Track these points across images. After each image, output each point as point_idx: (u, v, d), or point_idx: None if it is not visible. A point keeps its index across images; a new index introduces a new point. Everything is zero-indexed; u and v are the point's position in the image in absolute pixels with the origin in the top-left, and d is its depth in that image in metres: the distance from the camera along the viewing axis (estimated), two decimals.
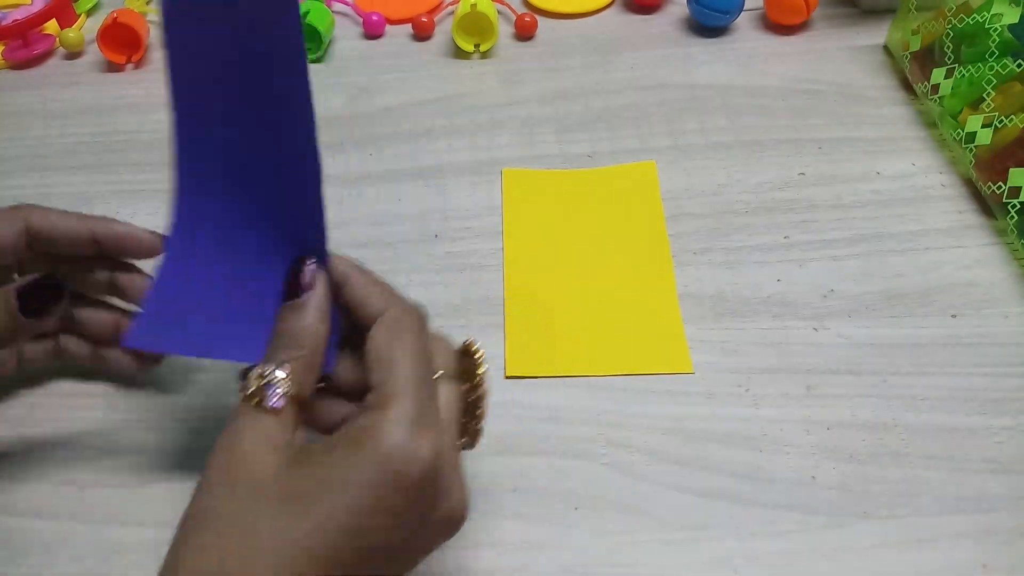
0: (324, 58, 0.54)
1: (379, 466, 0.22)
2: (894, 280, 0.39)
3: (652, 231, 0.41)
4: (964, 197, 0.43)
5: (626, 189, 0.43)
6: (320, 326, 0.26)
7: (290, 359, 0.25)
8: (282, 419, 0.24)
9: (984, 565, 0.30)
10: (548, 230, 0.42)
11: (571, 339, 0.37)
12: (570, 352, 0.37)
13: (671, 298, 0.38)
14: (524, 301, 0.39)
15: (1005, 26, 0.42)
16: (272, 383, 0.24)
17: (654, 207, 0.42)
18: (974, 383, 0.35)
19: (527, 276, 0.40)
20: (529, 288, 0.39)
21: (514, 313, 0.38)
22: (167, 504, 0.33)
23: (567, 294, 0.39)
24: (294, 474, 0.23)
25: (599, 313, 0.38)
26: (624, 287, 0.39)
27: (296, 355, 0.25)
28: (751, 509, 0.32)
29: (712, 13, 0.52)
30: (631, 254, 0.40)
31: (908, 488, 0.32)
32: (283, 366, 0.24)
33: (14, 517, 0.33)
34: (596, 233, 0.41)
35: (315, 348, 0.25)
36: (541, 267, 0.40)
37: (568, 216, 0.42)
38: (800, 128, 0.47)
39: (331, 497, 0.22)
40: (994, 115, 0.41)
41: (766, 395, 0.35)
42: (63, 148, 0.49)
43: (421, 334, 0.26)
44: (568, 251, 0.41)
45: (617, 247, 0.41)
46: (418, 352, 0.25)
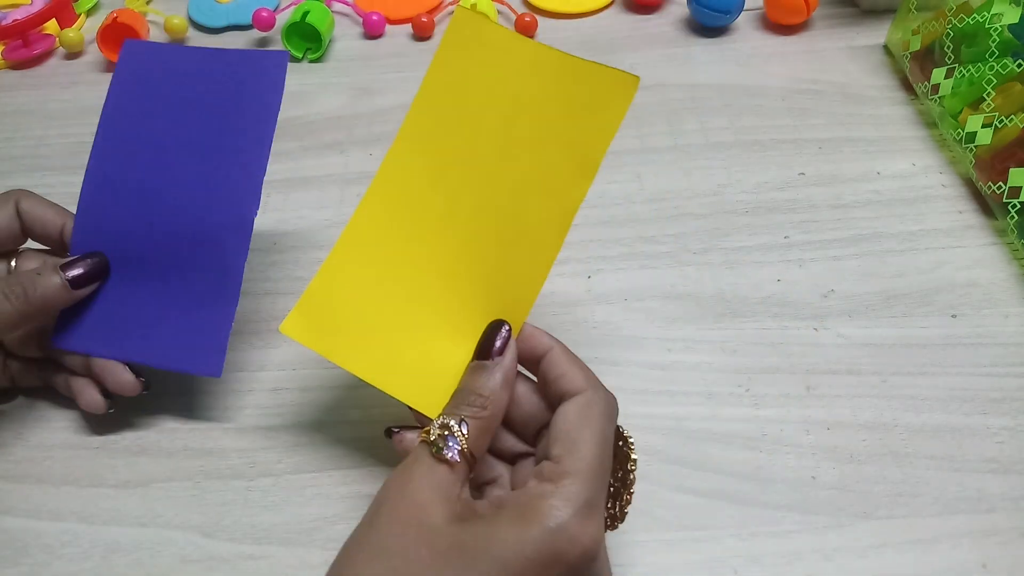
0: (324, 58, 0.54)
1: (543, 541, 0.23)
2: (894, 280, 0.39)
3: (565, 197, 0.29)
4: (964, 197, 0.43)
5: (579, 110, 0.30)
6: (503, 392, 0.27)
7: (471, 416, 0.26)
8: (456, 473, 0.25)
9: (984, 565, 0.30)
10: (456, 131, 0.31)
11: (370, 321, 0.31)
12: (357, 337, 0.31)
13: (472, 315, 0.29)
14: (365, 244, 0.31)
15: (1005, 26, 0.42)
16: (453, 435, 0.25)
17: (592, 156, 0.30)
18: (974, 383, 0.35)
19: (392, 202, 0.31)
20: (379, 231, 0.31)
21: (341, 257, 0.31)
22: (167, 504, 0.33)
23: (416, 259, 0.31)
24: (464, 528, 0.24)
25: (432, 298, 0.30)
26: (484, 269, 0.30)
27: (477, 413, 0.26)
28: (751, 509, 0.32)
29: (712, 13, 0.52)
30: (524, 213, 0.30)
31: (908, 488, 0.32)
32: (464, 422, 0.26)
33: (14, 518, 0.33)
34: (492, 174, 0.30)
35: (495, 412, 0.27)
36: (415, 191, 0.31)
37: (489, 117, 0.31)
38: (800, 128, 0.47)
39: (493, 559, 0.23)
40: (994, 115, 0.41)
41: (766, 395, 0.35)
42: (63, 148, 0.49)
43: (610, 424, 0.26)
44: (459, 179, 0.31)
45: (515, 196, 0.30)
46: (603, 440, 0.26)
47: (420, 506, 0.24)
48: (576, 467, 0.24)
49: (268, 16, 0.55)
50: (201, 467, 0.34)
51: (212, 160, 0.34)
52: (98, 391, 0.33)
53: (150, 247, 0.34)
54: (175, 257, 0.34)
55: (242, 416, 0.36)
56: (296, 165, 0.47)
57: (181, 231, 0.34)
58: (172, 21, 0.55)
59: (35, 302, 0.31)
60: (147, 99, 0.35)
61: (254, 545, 0.32)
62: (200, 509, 0.33)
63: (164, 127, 0.35)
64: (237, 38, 0.56)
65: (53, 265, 0.33)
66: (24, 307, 0.31)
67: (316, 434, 0.35)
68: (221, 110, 0.34)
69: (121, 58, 0.36)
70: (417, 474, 0.25)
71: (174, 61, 0.36)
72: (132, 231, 0.34)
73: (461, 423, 0.26)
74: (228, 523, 0.32)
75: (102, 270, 0.34)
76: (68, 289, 0.32)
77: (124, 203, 0.35)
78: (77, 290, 0.33)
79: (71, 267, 0.33)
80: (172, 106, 0.35)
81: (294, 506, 0.33)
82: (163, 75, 0.35)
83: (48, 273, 0.32)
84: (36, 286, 0.31)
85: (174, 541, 0.32)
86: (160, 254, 0.34)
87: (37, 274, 0.32)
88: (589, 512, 0.24)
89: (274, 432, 0.35)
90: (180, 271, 0.34)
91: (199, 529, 0.32)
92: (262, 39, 0.56)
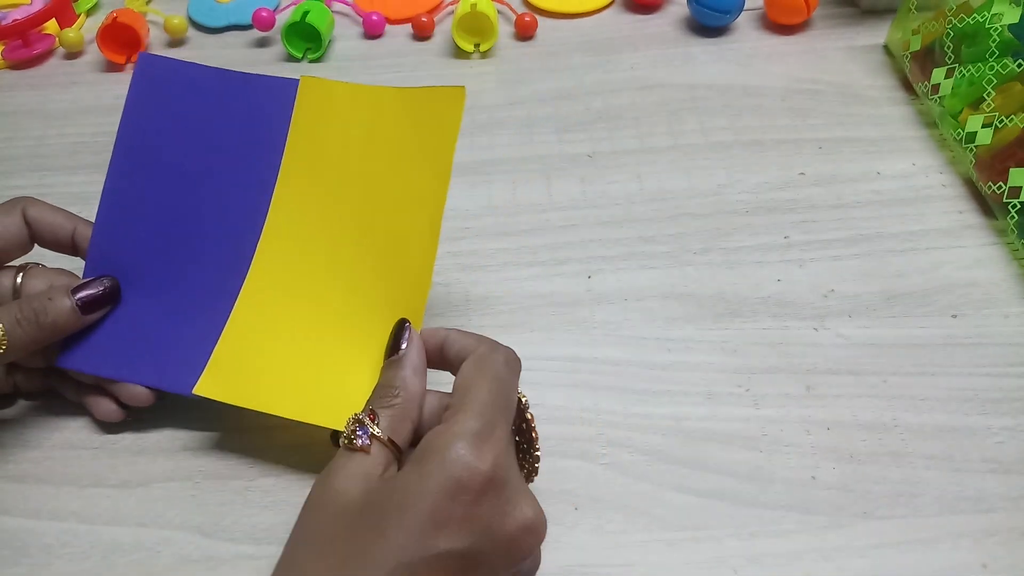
0: (324, 58, 0.54)
1: (441, 473, 0.24)
2: (894, 280, 0.39)
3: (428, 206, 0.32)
4: (964, 197, 0.43)
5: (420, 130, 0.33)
6: (413, 378, 0.29)
7: (383, 406, 0.28)
8: (373, 458, 0.26)
9: (984, 565, 0.30)
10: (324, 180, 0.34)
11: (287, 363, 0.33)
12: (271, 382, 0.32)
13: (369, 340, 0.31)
14: (262, 297, 0.33)
15: (1005, 26, 0.42)
16: (363, 426, 0.27)
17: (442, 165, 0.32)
18: (974, 383, 0.35)
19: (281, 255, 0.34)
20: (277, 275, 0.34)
21: (244, 313, 0.33)
22: (167, 504, 0.33)
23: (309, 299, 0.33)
24: (373, 494, 0.25)
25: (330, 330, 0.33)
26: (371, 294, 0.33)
27: (389, 403, 0.28)
28: (751, 509, 0.32)
29: (712, 13, 0.52)
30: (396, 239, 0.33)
31: (908, 488, 0.32)
32: (373, 412, 0.27)
33: (14, 518, 0.33)
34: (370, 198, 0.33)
35: (408, 398, 0.28)
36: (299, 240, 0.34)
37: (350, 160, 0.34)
38: (800, 128, 0.47)
39: (400, 505, 0.24)
40: (994, 115, 0.41)
41: (766, 395, 0.35)
42: (63, 148, 0.49)
43: (507, 371, 0.28)
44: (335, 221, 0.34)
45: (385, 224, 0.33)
46: (497, 381, 0.27)
47: (337, 491, 0.25)
48: (466, 405, 0.26)
49: (268, 16, 0.55)
50: (201, 467, 0.34)
51: (226, 182, 0.35)
52: (112, 401, 0.34)
53: (165, 268, 0.35)
54: (190, 280, 0.34)
55: (241, 416, 0.35)
56: None
57: (196, 253, 0.35)
58: (172, 21, 0.55)
59: (46, 328, 0.32)
60: (162, 117, 0.36)
61: (254, 545, 0.32)
62: (200, 509, 0.33)
63: (179, 146, 0.36)
64: (237, 38, 0.56)
65: (64, 289, 0.33)
66: (36, 333, 0.31)
67: (315, 434, 0.35)
68: (234, 133, 0.35)
69: (136, 73, 0.36)
70: (335, 466, 0.26)
71: (188, 79, 0.36)
72: (147, 251, 0.35)
73: (371, 414, 0.27)
74: (228, 523, 0.32)
75: (113, 295, 0.34)
76: (78, 314, 0.33)
77: (140, 222, 0.35)
78: (87, 315, 0.33)
79: (82, 291, 0.33)
80: (187, 126, 0.36)
81: (294, 506, 0.32)
82: (178, 93, 0.36)
83: (59, 297, 0.32)
84: (48, 311, 0.32)
85: (174, 541, 0.32)
86: (175, 276, 0.34)
87: (48, 298, 0.32)
88: (483, 440, 0.25)
89: (274, 432, 0.35)
90: (194, 295, 0.34)
91: (199, 529, 0.32)
92: (262, 39, 0.56)
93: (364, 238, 0.33)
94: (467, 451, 0.24)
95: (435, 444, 0.25)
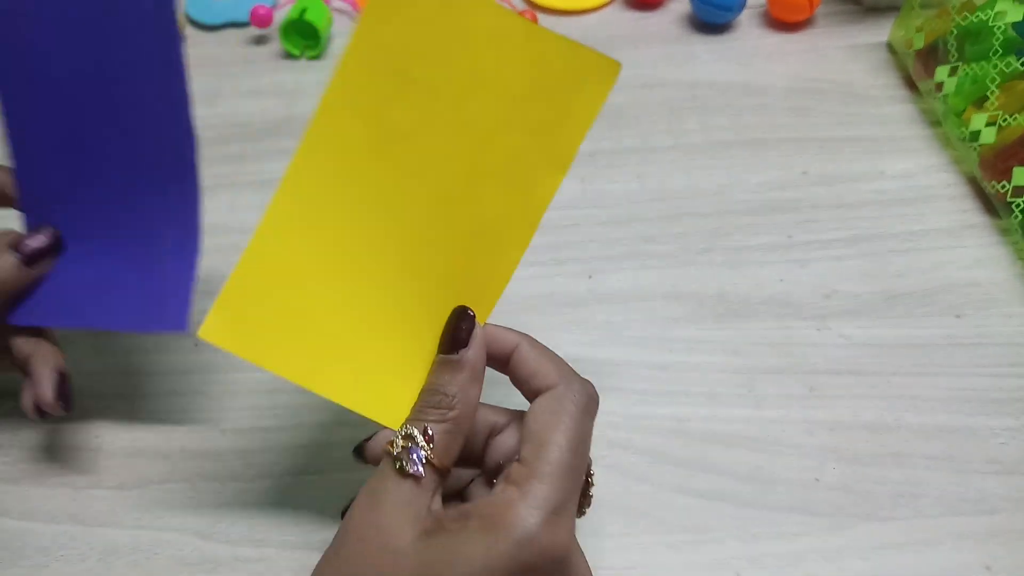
0: (322, 55, 0.54)
1: (511, 554, 0.22)
2: (896, 280, 0.39)
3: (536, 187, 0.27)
4: (968, 196, 0.42)
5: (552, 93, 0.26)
6: (471, 388, 0.25)
7: (437, 420, 0.24)
8: (423, 487, 0.24)
9: (987, 567, 0.30)
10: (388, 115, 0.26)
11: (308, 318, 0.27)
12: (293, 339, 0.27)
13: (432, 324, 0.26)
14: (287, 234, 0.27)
15: (1009, 24, 0.42)
16: (417, 446, 0.24)
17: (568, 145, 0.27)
18: (976, 384, 0.35)
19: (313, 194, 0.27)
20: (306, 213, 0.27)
21: (267, 243, 0.27)
22: (164, 506, 0.33)
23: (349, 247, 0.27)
24: (430, 545, 0.23)
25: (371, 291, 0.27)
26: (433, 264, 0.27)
27: (443, 416, 0.24)
28: (753, 511, 0.31)
29: (714, 10, 0.52)
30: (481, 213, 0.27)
31: (910, 489, 0.32)
32: (428, 429, 0.24)
33: (11, 519, 0.33)
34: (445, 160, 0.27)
35: (463, 412, 0.25)
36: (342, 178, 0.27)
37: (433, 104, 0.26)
38: (802, 127, 0.47)
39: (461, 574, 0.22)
40: (998, 113, 0.41)
41: (768, 396, 0.35)
42: None
43: (584, 419, 0.25)
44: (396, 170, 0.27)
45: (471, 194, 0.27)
46: (577, 438, 0.24)
47: (386, 530, 0.23)
48: (544, 469, 0.23)
49: (266, 13, 0.54)
50: (198, 468, 0.34)
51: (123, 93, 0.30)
52: (31, 398, 0.31)
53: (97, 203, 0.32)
54: (125, 212, 0.31)
55: (239, 417, 0.35)
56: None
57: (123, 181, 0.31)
58: None
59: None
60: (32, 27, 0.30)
61: (251, 547, 0.31)
62: (197, 511, 0.32)
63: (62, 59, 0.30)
64: (234, 35, 0.56)
65: (6, 244, 0.30)
66: None
67: (314, 435, 0.35)
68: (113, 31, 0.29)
69: None
70: (382, 495, 0.23)
71: None
72: (75, 187, 0.32)
73: (425, 431, 0.24)
74: (225, 525, 0.32)
75: (56, 244, 0.31)
76: (23, 268, 0.30)
77: (55, 159, 0.31)
78: (32, 268, 0.30)
79: (23, 243, 0.30)
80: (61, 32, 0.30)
81: (291, 508, 0.32)
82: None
83: (1, 253, 0.30)
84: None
85: (171, 543, 0.32)
86: (109, 210, 0.31)
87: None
88: (558, 517, 0.22)
89: (271, 433, 0.35)
90: (133, 227, 0.31)
91: (196, 531, 0.32)
92: (259, 36, 0.56)
93: (435, 198, 0.27)
94: (542, 532, 0.22)
95: (506, 515, 0.22)
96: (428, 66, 0.26)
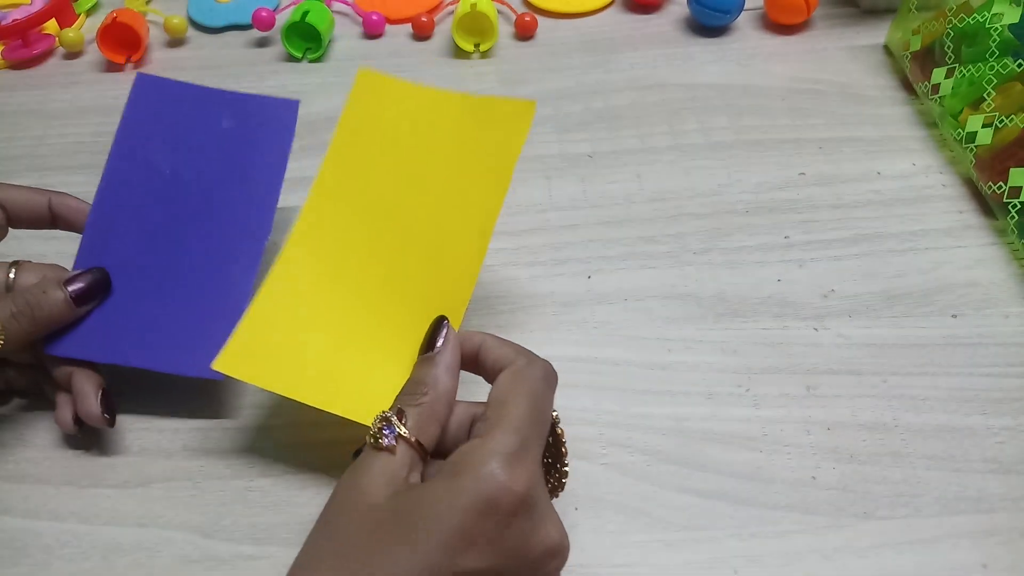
0: (324, 58, 0.54)
1: (474, 490, 0.24)
2: (894, 280, 0.39)
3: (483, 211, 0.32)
4: (964, 197, 0.42)
5: (485, 135, 0.33)
6: (445, 377, 0.28)
7: (411, 404, 0.27)
8: (399, 458, 0.26)
9: (984, 565, 0.30)
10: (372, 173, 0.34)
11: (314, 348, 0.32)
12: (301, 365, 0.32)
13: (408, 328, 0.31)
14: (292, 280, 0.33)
15: (1005, 26, 0.42)
16: (390, 425, 0.26)
17: (502, 174, 0.33)
18: (974, 383, 0.35)
19: (316, 241, 0.33)
20: (308, 261, 0.33)
21: (273, 289, 0.33)
22: (166, 504, 0.33)
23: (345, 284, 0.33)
24: (401, 499, 0.25)
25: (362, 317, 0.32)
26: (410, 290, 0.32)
27: (417, 400, 0.27)
28: (751, 510, 0.32)
29: (712, 13, 0.52)
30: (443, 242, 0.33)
31: (908, 488, 0.32)
32: (401, 411, 0.27)
33: (14, 518, 0.33)
34: (419, 199, 0.33)
35: (438, 397, 0.27)
36: (339, 229, 0.34)
37: (400, 158, 0.34)
38: (800, 128, 0.47)
39: (431, 519, 0.24)
40: (994, 115, 0.41)
41: (766, 395, 0.35)
42: (63, 148, 0.49)
43: (543, 386, 0.27)
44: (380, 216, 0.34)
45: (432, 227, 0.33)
46: (534, 398, 0.27)
47: (361, 490, 0.25)
48: (503, 422, 0.25)
49: (268, 16, 0.55)
50: (200, 467, 0.34)
51: (223, 195, 0.36)
52: (71, 412, 0.33)
53: (155, 265, 0.35)
54: (180, 275, 0.35)
55: (241, 416, 0.36)
56: (295, 165, 0.47)
57: (189, 254, 0.35)
58: (172, 21, 0.55)
59: (41, 321, 0.32)
60: (159, 133, 0.37)
61: (253, 545, 0.32)
62: (199, 509, 0.33)
63: (175, 160, 0.37)
64: (237, 38, 0.56)
65: (57, 281, 0.33)
66: (30, 326, 0.32)
67: (315, 434, 0.35)
68: (233, 150, 0.37)
69: (133, 92, 0.38)
70: (360, 466, 0.26)
71: (186, 98, 0.38)
72: (137, 252, 0.35)
73: (399, 412, 0.27)
74: (227, 523, 0.32)
75: (104, 285, 0.34)
76: (72, 306, 0.33)
77: (131, 226, 0.36)
78: (80, 306, 0.33)
79: (74, 282, 0.33)
80: (184, 141, 0.37)
81: (293, 506, 0.33)
82: (175, 111, 0.37)
83: (52, 289, 0.32)
84: (42, 305, 0.32)
85: (173, 541, 0.32)
86: (165, 271, 0.35)
87: (42, 291, 0.32)
88: (518, 460, 0.25)
89: (273, 432, 0.35)
90: (185, 287, 0.35)
91: (198, 529, 0.32)
92: (262, 38, 0.56)
93: (410, 234, 0.33)
94: (502, 470, 0.24)
95: (469, 459, 0.25)
96: (392, 140, 0.34)
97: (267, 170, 0.36)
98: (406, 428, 0.26)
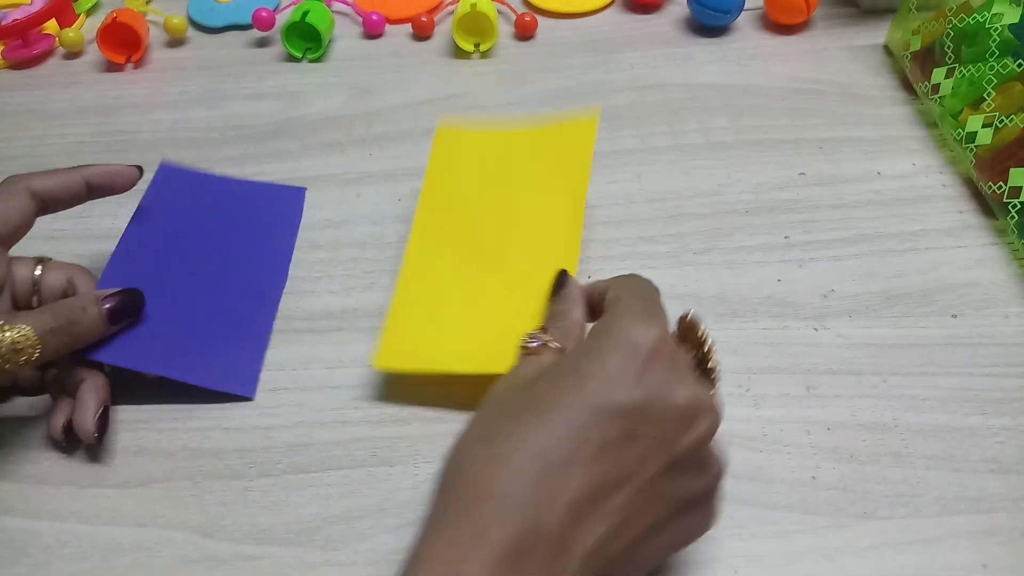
0: (324, 58, 0.54)
1: (620, 336, 0.26)
2: (894, 280, 0.39)
3: (570, 209, 0.38)
4: (964, 197, 0.42)
5: (557, 154, 0.40)
6: (575, 310, 0.31)
7: (550, 326, 0.31)
8: (544, 357, 0.29)
9: (984, 565, 0.30)
10: (464, 203, 0.40)
11: (453, 331, 0.36)
12: (447, 345, 0.35)
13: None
14: (419, 284, 0.37)
15: (1005, 26, 0.42)
16: (533, 337, 0.29)
17: (579, 178, 0.39)
18: (974, 383, 0.35)
19: (431, 255, 0.38)
20: (429, 269, 0.38)
21: (405, 296, 0.37)
22: (166, 504, 0.33)
23: (465, 279, 0.37)
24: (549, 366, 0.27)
25: (488, 302, 0.37)
26: (521, 273, 0.37)
27: (557, 323, 0.31)
28: (751, 509, 0.32)
29: (712, 13, 0.52)
30: (540, 234, 0.38)
31: (908, 488, 0.32)
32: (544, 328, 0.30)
33: (13, 518, 0.33)
34: (511, 210, 0.39)
35: (573, 323, 0.31)
36: (447, 245, 0.39)
37: (487, 188, 0.40)
38: (800, 128, 0.47)
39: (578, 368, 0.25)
40: (994, 115, 0.41)
41: (766, 395, 0.35)
42: (63, 148, 0.49)
43: (644, 280, 0.30)
44: (479, 229, 0.39)
45: (528, 227, 0.39)
46: (643, 289, 0.29)
47: (512, 377, 0.28)
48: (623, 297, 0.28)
49: (268, 16, 0.55)
50: (200, 467, 0.34)
51: (239, 265, 0.40)
52: (66, 419, 0.34)
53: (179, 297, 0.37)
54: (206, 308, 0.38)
55: (241, 416, 0.36)
56: (296, 165, 0.47)
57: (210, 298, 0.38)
58: (172, 21, 0.55)
59: (77, 337, 0.33)
60: (177, 210, 0.40)
61: (253, 545, 0.32)
62: (199, 509, 0.33)
63: (190, 236, 0.40)
64: (237, 38, 0.56)
65: (95, 299, 0.34)
66: (68, 341, 0.33)
67: (315, 434, 0.35)
68: (247, 225, 0.41)
69: (156, 178, 0.41)
70: (514, 366, 0.28)
71: (205, 184, 0.42)
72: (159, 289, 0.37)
73: (543, 329, 0.30)
74: (227, 523, 0.32)
75: (138, 306, 0.35)
76: (107, 324, 0.34)
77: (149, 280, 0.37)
78: (114, 325, 0.34)
79: (110, 301, 0.34)
80: (200, 216, 0.41)
81: (293, 506, 0.33)
82: (193, 194, 0.41)
83: (91, 307, 0.33)
84: (81, 322, 0.33)
85: (173, 541, 0.32)
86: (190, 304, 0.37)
87: (81, 308, 0.33)
88: (649, 316, 0.27)
89: (273, 432, 0.35)
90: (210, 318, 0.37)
91: (198, 529, 0.32)
92: (262, 38, 0.56)
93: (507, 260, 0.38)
94: (637, 322, 0.26)
95: (606, 321, 0.27)
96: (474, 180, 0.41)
97: (279, 242, 0.41)
98: (547, 335, 0.29)
